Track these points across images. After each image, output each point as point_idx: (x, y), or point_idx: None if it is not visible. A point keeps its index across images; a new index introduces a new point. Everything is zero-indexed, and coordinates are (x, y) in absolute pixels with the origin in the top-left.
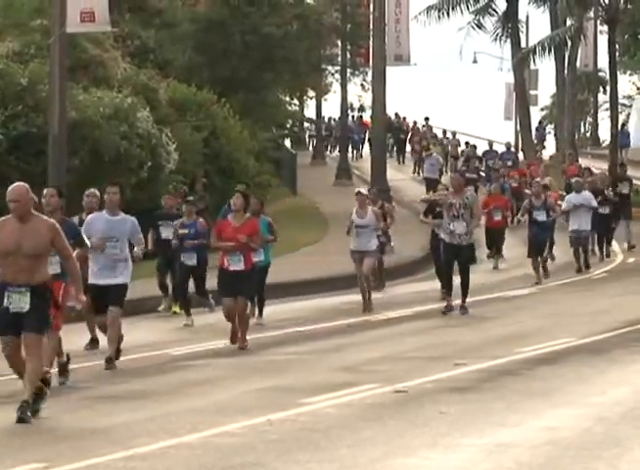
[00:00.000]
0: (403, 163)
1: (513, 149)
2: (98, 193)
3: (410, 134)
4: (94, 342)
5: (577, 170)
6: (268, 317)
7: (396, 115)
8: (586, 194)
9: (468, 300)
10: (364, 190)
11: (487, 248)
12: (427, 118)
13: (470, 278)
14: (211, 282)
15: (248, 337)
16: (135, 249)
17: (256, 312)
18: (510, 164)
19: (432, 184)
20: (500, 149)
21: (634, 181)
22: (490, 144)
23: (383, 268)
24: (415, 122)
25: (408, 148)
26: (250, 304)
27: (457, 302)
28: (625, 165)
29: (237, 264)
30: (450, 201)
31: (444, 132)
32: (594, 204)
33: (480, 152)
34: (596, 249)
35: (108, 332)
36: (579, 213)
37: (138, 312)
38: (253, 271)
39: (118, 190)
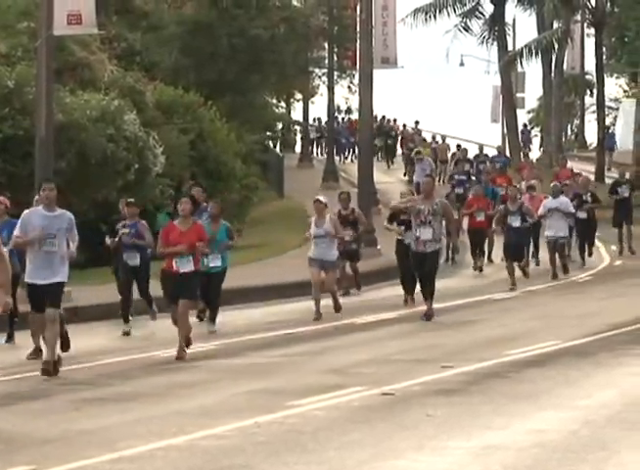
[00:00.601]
0: (392, 165)
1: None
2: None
3: (400, 138)
4: (38, 351)
5: (570, 174)
6: (257, 320)
7: (384, 118)
8: (563, 199)
9: (456, 303)
10: (323, 198)
11: (471, 252)
12: (417, 122)
13: (435, 285)
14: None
15: (226, 341)
16: (70, 246)
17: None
18: (499, 165)
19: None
20: (491, 152)
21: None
22: (481, 148)
23: (358, 273)
24: (405, 125)
25: (398, 151)
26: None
27: (423, 307)
28: (624, 169)
29: (186, 266)
30: (419, 207)
31: (434, 137)
32: (571, 209)
33: (470, 155)
34: (576, 255)
35: (46, 334)
36: (556, 219)
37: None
38: (197, 274)
39: (54, 186)
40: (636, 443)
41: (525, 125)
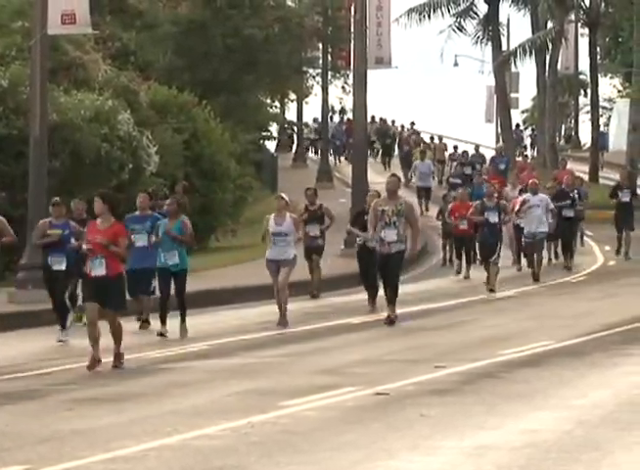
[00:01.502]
0: (389, 168)
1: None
2: None
3: (399, 139)
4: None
5: (570, 176)
6: (251, 320)
7: (382, 119)
8: (542, 196)
9: (448, 303)
10: (284, 195)
11: (456, 256)
12: (412, 123)
13: (398, 288)
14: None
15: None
16: None
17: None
18: (503, 167)
19: (423, 193)
20: (486, 153)
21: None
22: (477, 148)
23: (320, 274)
24: (402, 126)
25: (396, 152)
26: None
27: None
28: (628, 171)
29: (97, 269)
30: (382, 208)
31: (432, 138)
32: (551, 206)
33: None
34: (552, 256)
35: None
36: (534, 216)
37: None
38: (121, 280)
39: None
40: (630, 443)
41: (517, 125)
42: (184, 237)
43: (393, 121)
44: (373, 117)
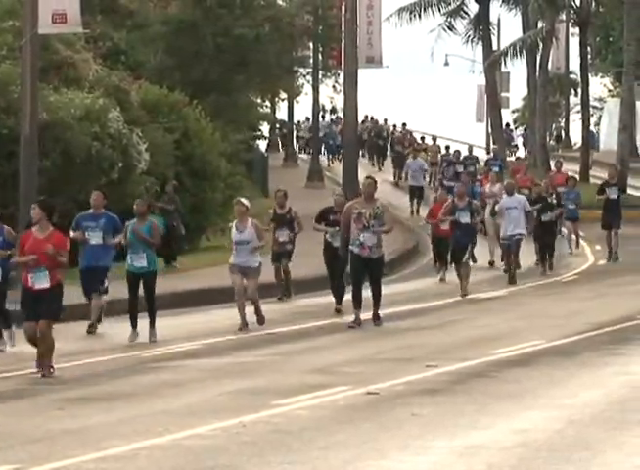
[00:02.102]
0: (382, 166)
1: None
2: None
3: (391, 139)
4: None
5: (565, 179)
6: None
7: (372, 119)
8: (519, 197)
9: (438, 303)
10: (244, 199)
11: (434, 260)
12: (404, 124)
13: (382, 290)
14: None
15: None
16: None
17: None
18: (496, 170)
19: (416, 192)
20: (479, 153)
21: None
22: (470, 148)
23: (290, 277)
24: (395, 126)
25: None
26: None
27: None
28: (617, 168)
29: (41, 281)
30: (359, 210)
31: (422, 138)
32: (528, 207)
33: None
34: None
35: None
36: (511, 217)
37: (108, 314)
38: (60, 289)
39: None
40: (620, 442)
41: (507, 125)
42: (153, 239)
43: (385, 121)
44: (366, 117)
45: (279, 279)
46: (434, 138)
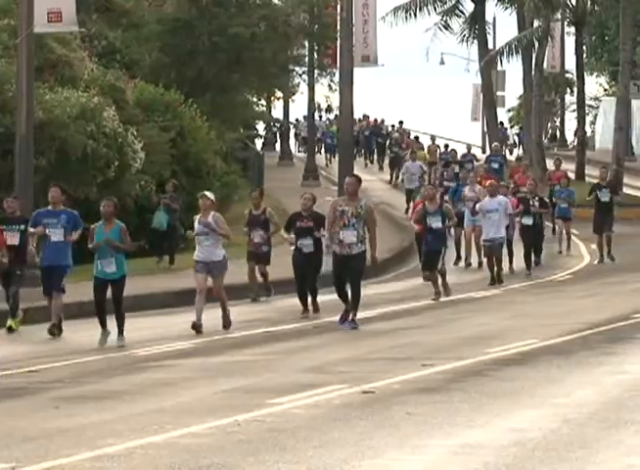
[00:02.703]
0: (382, 168)
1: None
2: None
3: (390, 139)
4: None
5: (564, 176)
6: (236, 318)
7: (367, 117)
8: (501, 198)
9: (433, 301)
10: (209, 193)
11: (420, 258)
12: (401, 122)
13: (361, 290)
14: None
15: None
16: None
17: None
18: (496, 166)
19: (413, 195)
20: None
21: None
22: (469, 147)
23: (268, 277)
24: (393, 126)
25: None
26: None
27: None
28: (607, 169)
29: None
30: (343, 208)
31: (417, 137)
32: (510, 210)
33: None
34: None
35: None
36: (493, 220)
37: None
38: None
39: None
40: (616, 441)
41: (501, 123)
42: (126, 246)
43: (383, 121)
44: (364, 116)
45: (252, 279)
46: (433, 138)
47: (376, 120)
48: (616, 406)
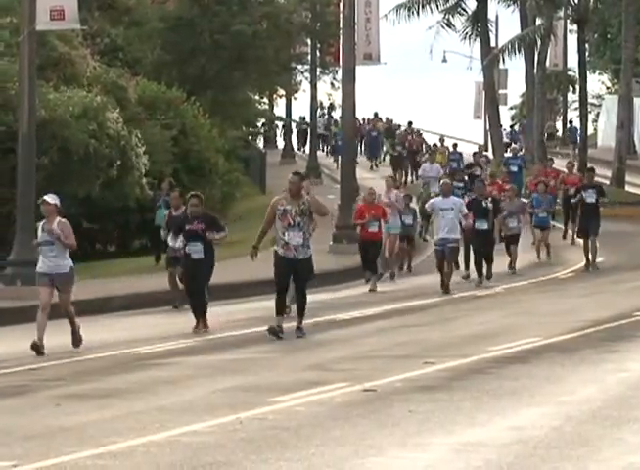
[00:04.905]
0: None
1: (520, 153)
2: None
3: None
4: None
5: (578, 180)
6: (237, 316)
7: (377, 116)
8: (455, 199)
9: (433, 300)
10: (50, 197)
11: (362, 266)
12: (410, 123)
13: (306, 296)
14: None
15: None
16: None
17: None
18: (515, 169)
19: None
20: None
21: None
22: (480, 148)
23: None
24: (400, 126)
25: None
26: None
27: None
28: (594, 170)
29: None
30: (284, 207)
31: (442, 140)
32: (465, 211)
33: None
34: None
35: None
36: (447, 219)
37: (104, 311)
38: None
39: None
40: (618, 439)
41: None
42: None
43: (391, 121)
44: (375, 115)
45: (172, 285)
46: (442, 139)
47: (386, 119)
48: (618, 404)
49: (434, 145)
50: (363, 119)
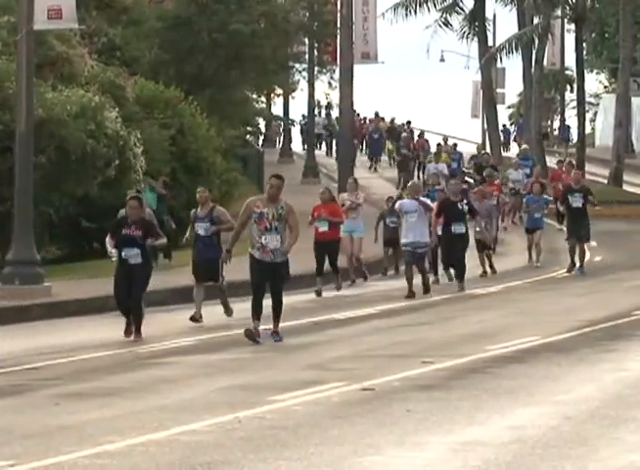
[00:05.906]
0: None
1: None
2: None
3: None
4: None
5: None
6: (235, 315)
7: (379, 116)
8: (421, 200)
9: (432, 299)
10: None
11: (316, 269)
12: (408, 122)
13: (283, 300)
14: None
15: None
16: None
17: None
18: (527, 171)
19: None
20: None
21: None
22: (479, 148)
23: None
24: (402, 125)
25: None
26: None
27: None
28: (580, 170)
29: None
30: (260, 210)
31: (445, 140)
32: (431, 207)
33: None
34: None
35: None
36: (410, 222)
37: (104, 310)
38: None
39: None
40: (615, 438)
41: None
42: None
43: (393, 120)
44: (376, 114)
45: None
46: (446, 139)
47: (391, 121)
48: (616, 404)
49: (439, 145)
50: (364, 119)
